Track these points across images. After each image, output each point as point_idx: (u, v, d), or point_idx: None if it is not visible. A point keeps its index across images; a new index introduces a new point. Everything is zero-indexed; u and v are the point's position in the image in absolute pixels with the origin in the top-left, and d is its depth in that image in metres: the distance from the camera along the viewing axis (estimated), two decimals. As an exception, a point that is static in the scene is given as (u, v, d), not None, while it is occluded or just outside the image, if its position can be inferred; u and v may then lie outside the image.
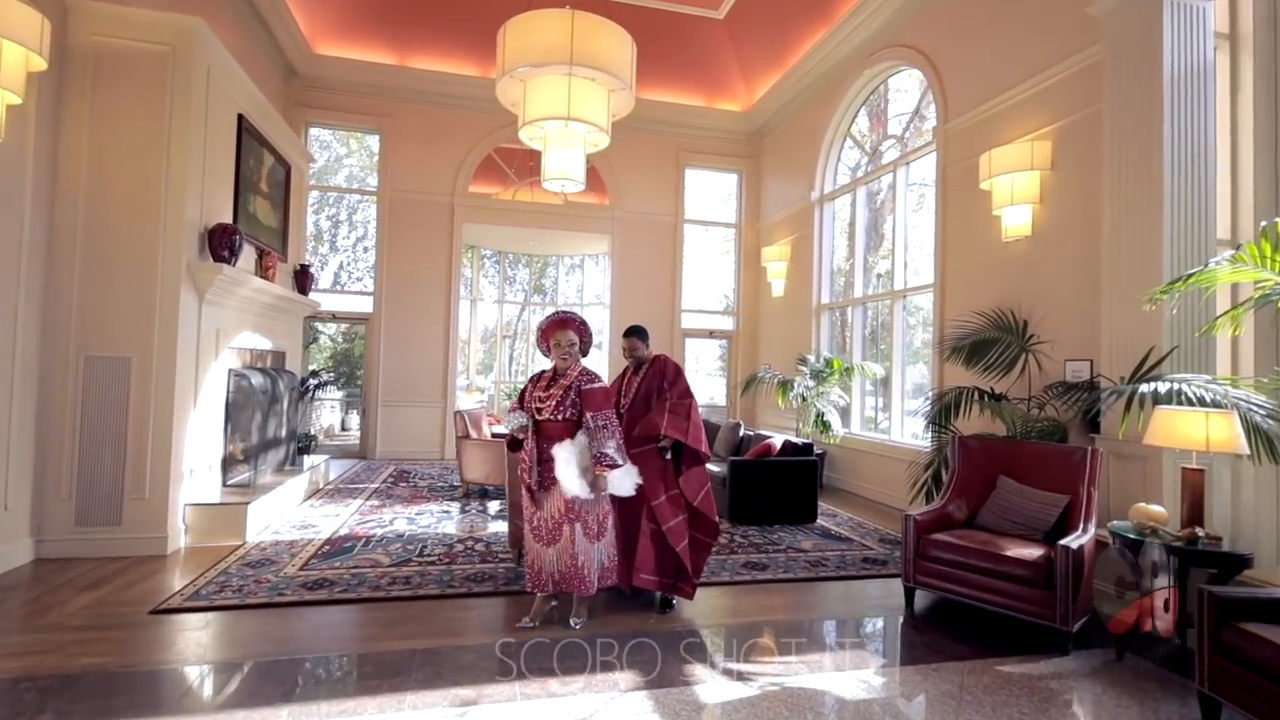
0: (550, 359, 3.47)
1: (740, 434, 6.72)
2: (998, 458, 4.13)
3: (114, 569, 4.02)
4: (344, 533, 4.94)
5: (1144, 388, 3.46)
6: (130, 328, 4.26)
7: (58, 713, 2.42)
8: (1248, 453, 3.12)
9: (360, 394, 9.68)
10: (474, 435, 6.42)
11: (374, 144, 9.14)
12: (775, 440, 6.01)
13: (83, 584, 3.76)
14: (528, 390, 3.48)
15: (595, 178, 9.52)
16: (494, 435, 6.81)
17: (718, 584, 4.07)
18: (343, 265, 10.45)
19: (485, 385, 12.19)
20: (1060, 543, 3.29)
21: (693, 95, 9.47)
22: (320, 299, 8.73)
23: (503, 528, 5.12)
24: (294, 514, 5.46)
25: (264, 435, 5.68)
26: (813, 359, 7.74)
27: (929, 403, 5.33)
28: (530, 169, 9.29)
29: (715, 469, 5.71)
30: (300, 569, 4.07)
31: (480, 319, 12.03)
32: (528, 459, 3.38)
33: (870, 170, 7.70)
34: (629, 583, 3.60)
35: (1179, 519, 3.31)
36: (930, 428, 5.27)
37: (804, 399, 7.46)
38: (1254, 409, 3.22)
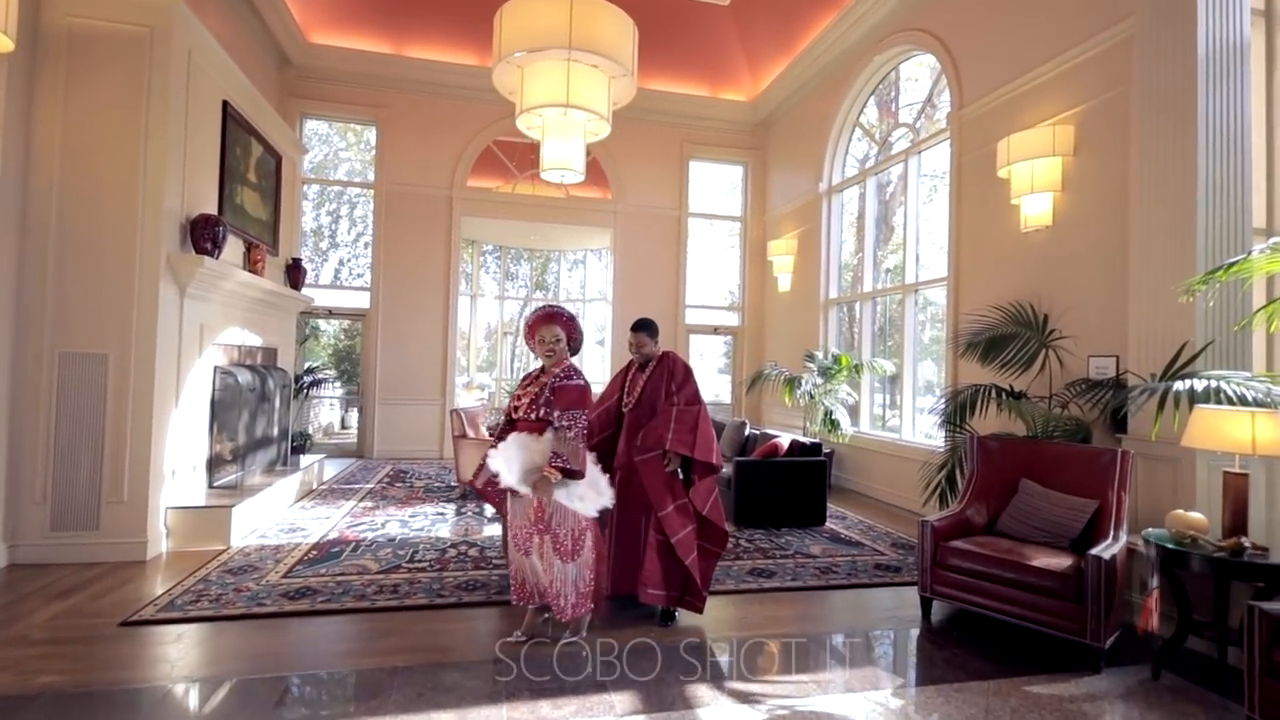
0: (537, 356, 3.26)
1: (746, 433, 6.50)
2: (1019, 459, 3.89)
3: (89, 576, 3.83)
4: (333, 537, 4.75)
5: (1179, 385, 3.21)
6: (107, 323, 4.07)
7: (4, 740, 2.23)
8: (1297, 455, 2.88)
9: (358, 391, 9.50)
10: (471, 434, 6.22)
11: (373, 137, 8.93)
12: (782, 440, 5.79)
13: (54, 592, 3.57)
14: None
15: (597, 171, 9.30)
16: (490, 434, 6.61)
17: (723, 593, 3.85)
18: (343, 261, 10.27)
19: (488, 383, 12.00)
20: (1091, 552, 3.06)
21: (697, 85, 9.23)
22: (316, 294, 8.58)
23: (498, 531, 4.92)
24: (284, 516, 5.28)
25: (252, 435, 5.50)
26: (820, 355, 7.51)
27: (943, 401, 5.11)
28: (531, 162, 9.07)
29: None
30: (283, 576, 3.88)
31: (482, 315, 11.83)
32: None
33: (880, 160, 7.44)
34: (622, 590, 3.41)
35: (1219, 527, 3.08)
36: (944, 427, 5.05)
37: (811, 397, 7.23)
38: (1302, 408, 2.98)
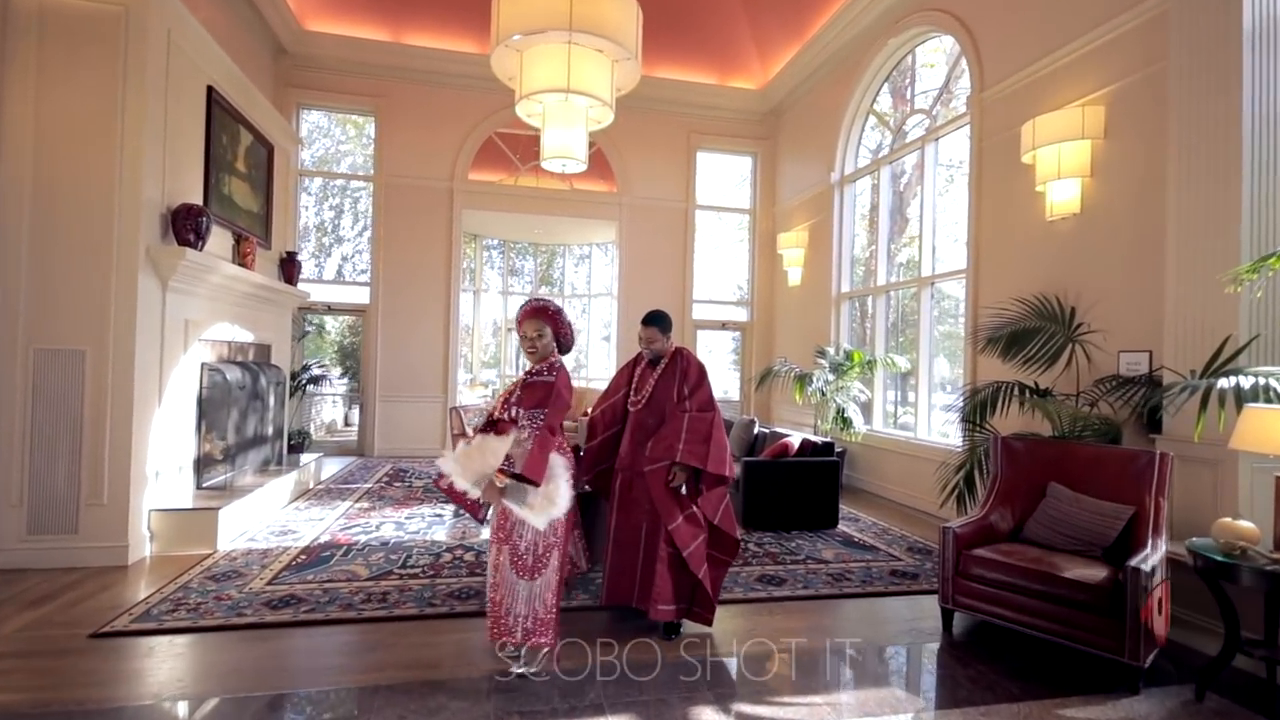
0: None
1: (755, 432, 6.27)
2: (1047, 461, 3.65)
3: (66, 582, 3.66)
4: (324, 540, 4.57)
5: (1223, 382, 2.96)
6: (84, 318, 3.89)
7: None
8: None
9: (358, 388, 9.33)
10: (471, 433, 6.02)
11: (373, 130, 8.73)
12: (793, 439, 5.56)
13: (28, 600, 3.40)
14: None
15: (602, 163, 9.08)
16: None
17: (730, 602, 3.63)
18: (346, 257, 10.11)
19: (493, 380, 11.81)
20: (1130, 563, 2.82)
21: (704, 73, 8.97)
22: (317, 290, 8.43)
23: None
24: (276, 518, 5.10)
25: (243, 434, 5.32)
26: (832, 351, 7.26)
27: (962, 399, 4.87)
28: (534, 154, 8.84)
29: (728, 470, 5.26)
30: (268, 583, 3.69)
31: (486, 311, 11.64)
32: None
33: (895, 148, 7.17)
34: (621, 598, 3.21)
35: (1271, 536, 2.83)
36: (962, 426, 4.81)
37: (823, 394, 6.99)
38: (1365, 408, 2.72)
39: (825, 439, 5.82)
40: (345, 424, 11.69)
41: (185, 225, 4.21)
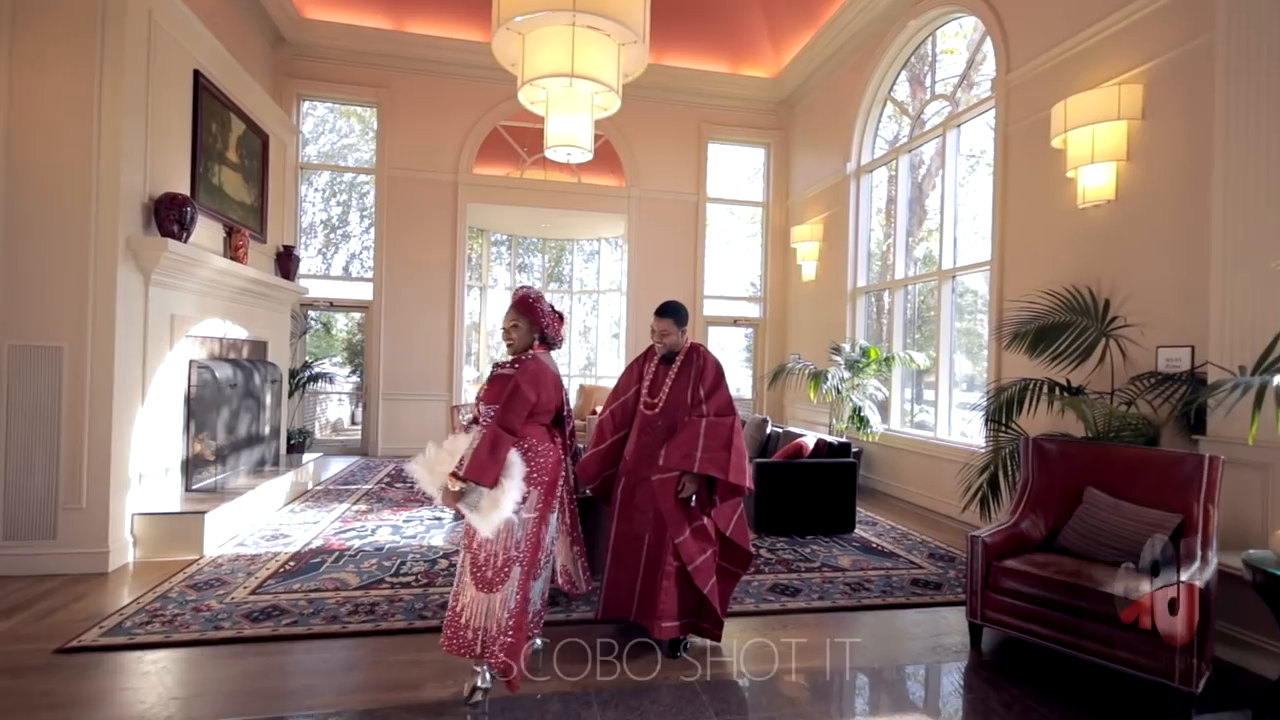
0: None
1: (767, 431, 6.01)
2: (1082, 464, 3.38)
3: (41, 590, 3.49)
4: (316, 545, 4.37)
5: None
6: (61, 312, 3.71)
7: None
8: None
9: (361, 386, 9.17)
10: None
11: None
12: (807, 439, 5.30)
13: (-2, 609, 3.24)
14: None
15: (611, 155, 8.84)
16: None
17: (741, 614, 3.39)
18: (354, 254, 9.95)
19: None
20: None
21: (715, 61, 8.70)
22: (316, 285, 8.27)
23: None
24: (269, 521, 4.92)
25: (235, 434, 5.14)
26: (848, 348, 6.99)
27: (987, 397, 4.60)
28: (541, 146, 8.63)
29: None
30: (252, 592, 3.50)
31: (494, 308, 11.45)
32: None
33: (914, 136, 6.87)
34: (626, 615, 2.97)
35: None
36: (987, 425, 4.55)
37: (838, 392, 6.73)
38: None
39: (841, 439, 5.56)
40: (351, 422, 11.55)
41: (168, 215, 4.02)
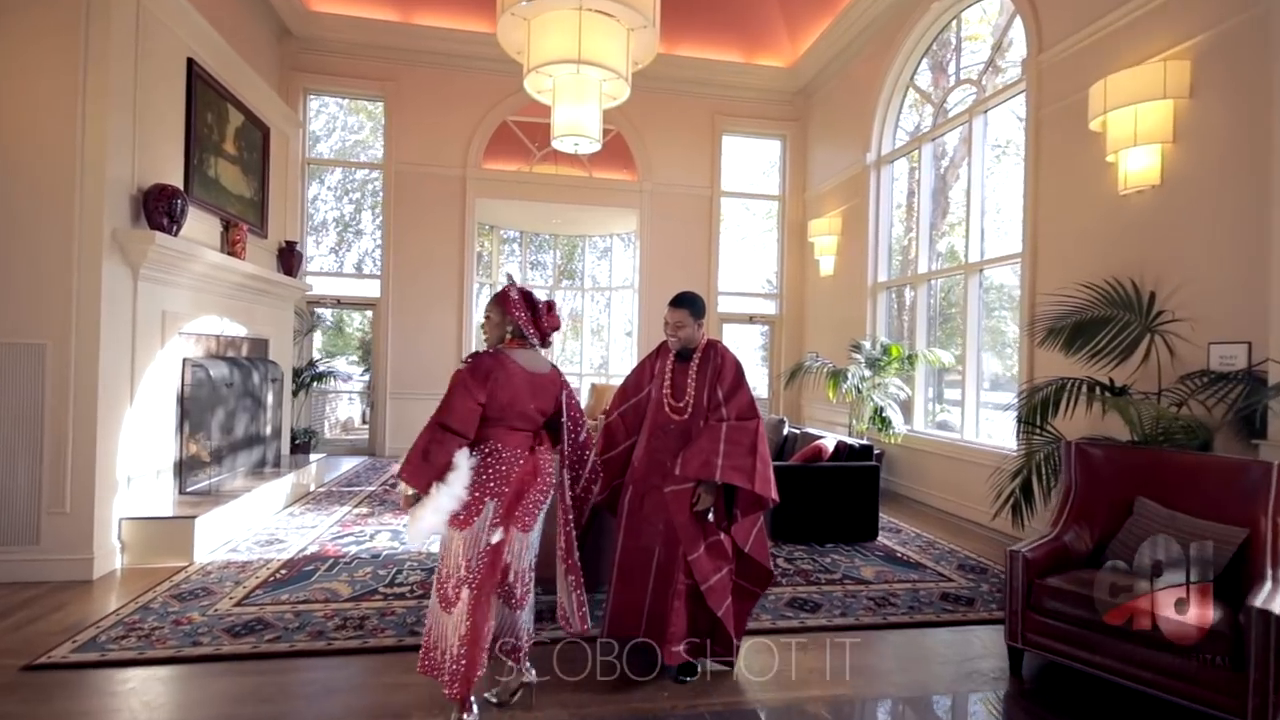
0: None
1: (784, 433, 5.75)
2: (1132, 472, 3.08)
3: (21, 600, 3.33)
4: (311, 551, 4.19)
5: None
6: (44, 308, 3.55)
7: None
8: None
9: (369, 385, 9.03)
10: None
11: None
12: (826, 441, 5.04)
13: (-27, 620, 3.08)
14: None
15: (623, 151, 8.61)
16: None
17: (757, 632, 3.14)
18: (367, 252, 9.83)
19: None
20: (1254, 603, 2.27)
21: (729, 50, 8.43)
22: (324, 282, 8.13)
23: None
24: (266, 524, 4.75)
25: (232, 434, 4.99)
26: (868, 345, 6.70)
27: (1019, 397, 4.32)
28: (549, 138, 8.43)
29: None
30: (238, 603, 3.31)
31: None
32: None
33: (938, 124, 6.57)
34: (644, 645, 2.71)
35: None
36: (1020, 428, 4.27)
37: (858, 391, 6.44)
38: None
39: (862, 441, 5.28)
40: (362, 422, 11.42)
41: (157, 207, 3.86)
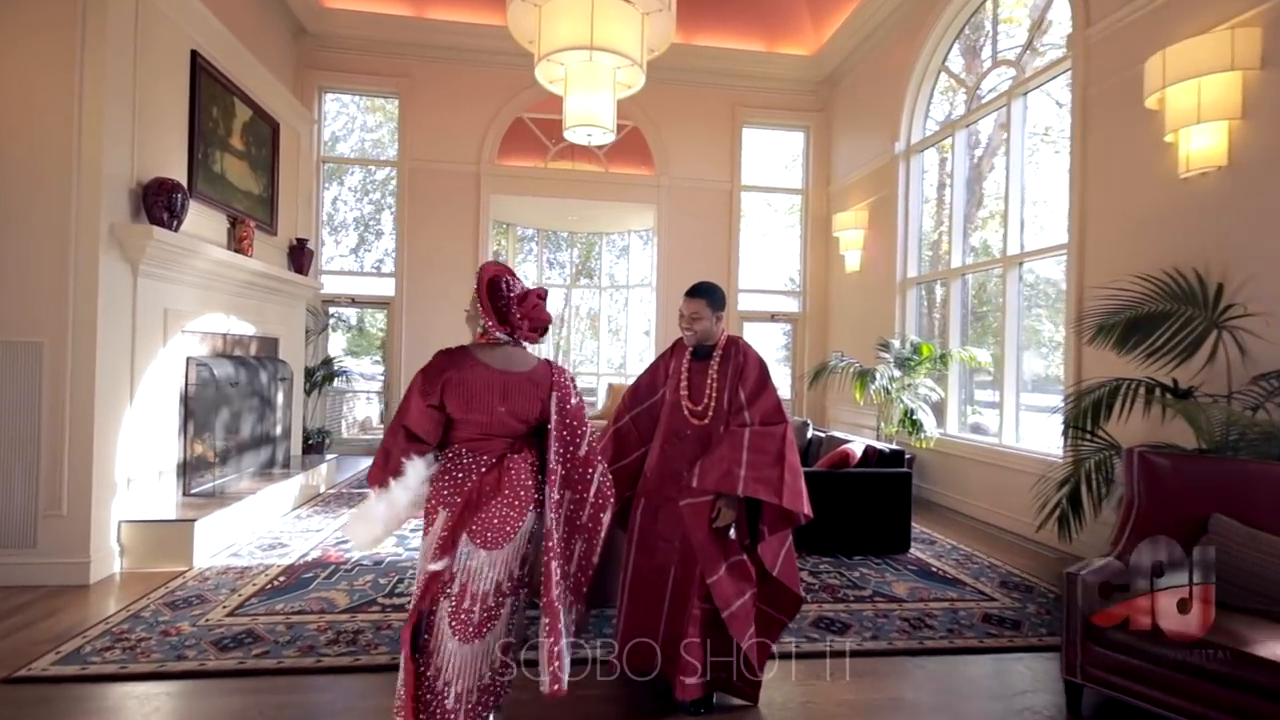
0: None
1: (808, 436, 5.48)
2: (1206, 485, 2.77)
3: (17, 604, 3.21)
4: (313, 556, 4.04)
5: None
6: (41, 305, 3.44)
7: None
8: None
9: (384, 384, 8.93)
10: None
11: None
12: (854, 446, 4.75)
13: (-38, 628, 2.96)
14: None
15: (640, 143, 8.39)
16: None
17: (779, 656, 2.87)
18: (388, 251, 9.76)
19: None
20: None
21: (750, 39, 8.15)
22: (338, 281, 8.06)
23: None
24: (271, 528, 4.62)
25: (238, 434, 4.87)
26: (897, 344, 6.38)
27: (1066, 400, 4.00)
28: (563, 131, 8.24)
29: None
30: (231, 612, 3.16)
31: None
32: None
33: (972, 109, 6.22)
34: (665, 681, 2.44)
35: None
36: (1068, 433, 3.94)
37: (887, 393, 6.12)
38: None
39: (893, 446, 4.98)
40: (379, 421, 11.38)
41: (157, 202, 3.73)
